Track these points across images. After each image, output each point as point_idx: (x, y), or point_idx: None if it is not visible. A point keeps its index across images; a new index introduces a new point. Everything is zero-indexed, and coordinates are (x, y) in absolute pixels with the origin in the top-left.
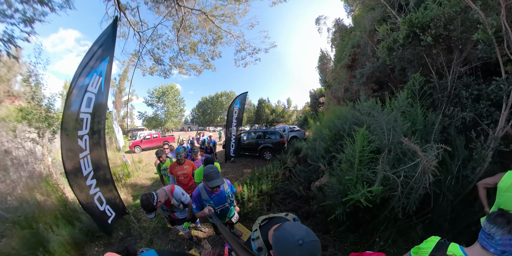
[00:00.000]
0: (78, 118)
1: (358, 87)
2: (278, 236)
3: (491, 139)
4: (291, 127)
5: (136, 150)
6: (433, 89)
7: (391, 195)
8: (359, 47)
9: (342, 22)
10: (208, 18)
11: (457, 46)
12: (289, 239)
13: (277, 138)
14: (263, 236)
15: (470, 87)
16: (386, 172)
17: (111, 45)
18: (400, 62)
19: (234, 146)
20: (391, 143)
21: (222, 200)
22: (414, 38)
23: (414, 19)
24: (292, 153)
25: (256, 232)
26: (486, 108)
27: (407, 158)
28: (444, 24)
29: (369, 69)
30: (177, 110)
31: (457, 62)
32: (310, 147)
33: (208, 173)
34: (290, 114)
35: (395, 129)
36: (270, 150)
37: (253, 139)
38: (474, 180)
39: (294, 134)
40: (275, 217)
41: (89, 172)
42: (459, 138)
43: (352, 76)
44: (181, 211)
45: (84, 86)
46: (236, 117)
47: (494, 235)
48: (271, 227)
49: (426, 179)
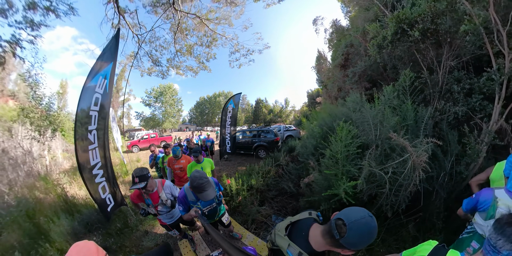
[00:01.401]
0: (88, 114)
1: (351, 86)
2: (356, 235)
3: (485, 133)
4: (286, 126)
5: (134, 149)
6: (425, 84)
7: (379, 192)
8: (352, 47)
9: (339, 23)
10: (202, 22)
11: (445, 39)
12: (361, 221)
13: (271, 137)
14: (299, 242)
15: (462, 81)
16: (372, 168)
17: (114, 51)
18: (391, 59)
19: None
20: (378, 139)
21: (210, 200)
22: (402, 34)
23: (401, 15)
24: (286, 151)
25: (284, 241)
26: (478, 102)
27: (396, 154)
28: (432, 18)
29: (360, 68)
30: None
31: (447, 56)
32: (302, 145)
33: (197, 184)
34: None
35: (382, 124)
36: (264, 148)
37: (248, 138)
38: (468, 176)
39: (289, 133)
40: (299, 220)
41: (96, 163)
42: (452, 133)
43: (345, 75)
44: (166, 214)
45: (92, 86)
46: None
47: (501, 249)
48: (304, 230)
49: (416, 176)
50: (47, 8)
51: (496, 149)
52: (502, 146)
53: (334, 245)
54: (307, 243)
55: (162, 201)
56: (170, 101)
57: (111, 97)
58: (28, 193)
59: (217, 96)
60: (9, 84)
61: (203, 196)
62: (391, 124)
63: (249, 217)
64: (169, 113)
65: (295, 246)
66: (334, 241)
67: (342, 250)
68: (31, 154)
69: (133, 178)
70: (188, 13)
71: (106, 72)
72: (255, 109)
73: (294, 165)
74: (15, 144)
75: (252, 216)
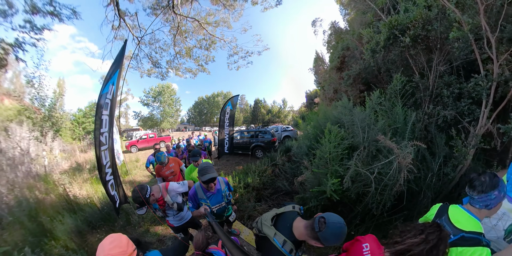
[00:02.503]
0: (100, 118)
1: (346, 88)
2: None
3: (472, 137)
4: (284, 127)
5: (133, 150)
6: (416, 88)
7: (366, 191)
8: (348, 50)
9: (337, 25)
10: (201, 26)
11: (435, 45)
12: (337, 225)
13: (268, 138)
14: (284, 232)
15: (452, 85)
16: (358, 168)
17: (120, 60)
18: (385, 63)
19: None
20: (366, 141)
21: (219, 199)
22: (395, 40)
23: (393, 21)
24: (282, 151)
25: (271, 230)
26: (467, 106)
27: (382, 156)
28: (423, 24)
29: (355, 71)
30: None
31: (437, 62)
32: (298, 145)
33: (202, 168)
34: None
35: (370, 127)
36: (262, 148)
37: (246, 138)
38: (455, 177)
39: (286, 134)
40: (284, 213)
41: (107, 162)
42: (440, 136)
43: (341, 77)
44: (174, 216)
45: (105, 94)
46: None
47: (472, 195)
48: (288, 221)
49: (402, 177)
50: (51, 13)
51: (485, 151)
52: (493, 149)
53: (311, 236)
54: (291, 232)
55: (168, 205)
56: (169, 101)
57: (116, 102)
58: (28, 194)
59: (216, 96)
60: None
61: (205, 176)
62: (379, 127)
63: (245, 213)
64: (168, 113)
65: (280, 235)
66: (313, 233)
67: (316, 242)
68: (29, 154)
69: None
70: (187, 17)
71: (113, 79)
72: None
73: (290, 164)
74: (13, 144)
75: (248, 212)
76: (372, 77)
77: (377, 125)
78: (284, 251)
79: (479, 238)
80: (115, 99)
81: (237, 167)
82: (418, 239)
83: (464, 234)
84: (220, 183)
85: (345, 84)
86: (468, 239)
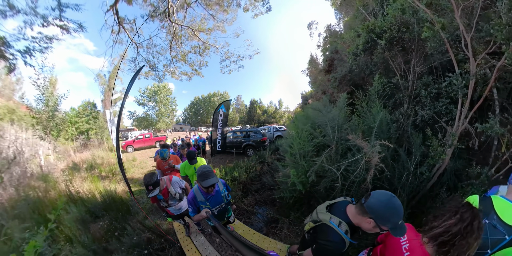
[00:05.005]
0: None
1: (332, 90)
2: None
3: (448, 136)
4: (276, 127)
5: (129, 150)
6: (398, 89)
7: (334, 186)
8: (337, 53)
9: (333, 28)
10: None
11: (410, 46)
12: (381, 194)
13: (258, 137)
14: (339, 215)
15: (430, 86)
16: (324, 164)
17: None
18: (368, 66)
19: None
20: (335, 140)
21: (219, 200)
22: (373, 43)
23: (370, 25)
24: (272, 150)
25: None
26: (445, 106)
27: (351, 154)
28: (398, 27)
29: (340, 74)
30: (168, 110)
31: (414, 62)
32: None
33: (202, 172)
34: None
35: (339, 126)
36: (252, 147)
37: (238, 138)
38: (434, 177)
39: (278, 134)
40: (337, 202)
41: None
42: (417, 136)
43: (329, 79)
44: (175, 205)
45: None
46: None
47: None
48: (342, 207)
49: (369, 175)
50: (61, 27)
51: (471, 151)
52: (477, 148)
53: (361, 212)
54: (345, 215)
55: (171, 195)
56: (165, 101)
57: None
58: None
59: (212, 96)
60: None
61: (206, 182)
62: (352, 126)
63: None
64: (163, 113)
65: (335, 217)
66: (361, 208)
67: (367, 221)
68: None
69: (146, 186)
70: (182, 25)
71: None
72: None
73: (276, 162)
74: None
75: (235, 203)
76: (359, 79)
77: (347, 125)
78: (340, 231)
79: None
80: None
81: (229, 164)
82: (454, 220)
83: None
84: (218, 185)
85: (331, 86)
86: None
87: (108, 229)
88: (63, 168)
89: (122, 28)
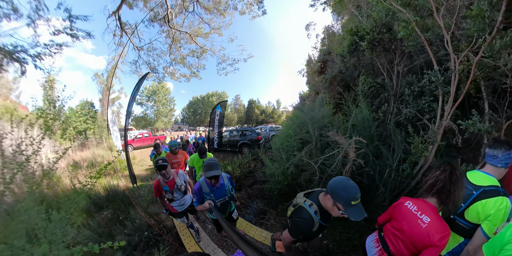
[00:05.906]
0: None
1: (324, 90)
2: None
3: (430, 133)
4: (273, 126)
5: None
6: (384, 88)
7: (313, 179)
8: (329, 54)
9: (331, 29)
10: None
11: (390, 46)
12: (339, 179)
13: (254, 136)
14: (312, 199)
15: (413, 84)
16: (303, 158)
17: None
18: (356, 67)
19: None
20: (315, 136)
21: (223, 193)
22: (356, 45)
23: (354, 29)
24: (266, 148)
25: (302, 199)
26: (427, 104)
27: (329, 150)
28: (379, 29)
29: (330, 75)
30: (167, 110)
31: (397, 62)
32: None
33: (208, 164)
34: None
35: (319, 124)
36: (248, 146)
37: (234, 136)
38: (418, 174)
39: (274, 133)
40: (314, 191)
41: None
42: (399, 133)
43: (321, 80)
44: (180, 200)
45: None
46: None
47: (497, 154)
48: (316, 194)
49: (345, 169)
50: (71, 35)
51: (461, 149)
52: (465, 146)
53: (324, 192)
54: (317, 199)
55: (177, 186)
56: (163, 101)
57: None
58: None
59: (210, 96)
60: None
61: (209, 173)
62: (336, 125)
63: None
64: (161, 112)
65: (309, 200)
66: (326, 191)
67: (332, 202)
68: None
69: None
70: (181, 31)
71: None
72: (248, 110)
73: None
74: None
75: None
76: (351, 79)
77: (327, 122)
78: (310, 210)
79: (497, 190)
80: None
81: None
82: (439, 171)
83: (484, 188)
84: (223, 178)
85: (322, 86)
86: (488, 192)
87: (112, 217)
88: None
89: (124, 32)
